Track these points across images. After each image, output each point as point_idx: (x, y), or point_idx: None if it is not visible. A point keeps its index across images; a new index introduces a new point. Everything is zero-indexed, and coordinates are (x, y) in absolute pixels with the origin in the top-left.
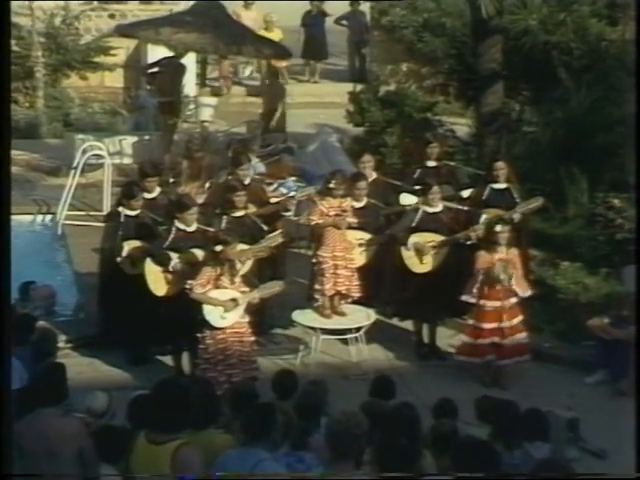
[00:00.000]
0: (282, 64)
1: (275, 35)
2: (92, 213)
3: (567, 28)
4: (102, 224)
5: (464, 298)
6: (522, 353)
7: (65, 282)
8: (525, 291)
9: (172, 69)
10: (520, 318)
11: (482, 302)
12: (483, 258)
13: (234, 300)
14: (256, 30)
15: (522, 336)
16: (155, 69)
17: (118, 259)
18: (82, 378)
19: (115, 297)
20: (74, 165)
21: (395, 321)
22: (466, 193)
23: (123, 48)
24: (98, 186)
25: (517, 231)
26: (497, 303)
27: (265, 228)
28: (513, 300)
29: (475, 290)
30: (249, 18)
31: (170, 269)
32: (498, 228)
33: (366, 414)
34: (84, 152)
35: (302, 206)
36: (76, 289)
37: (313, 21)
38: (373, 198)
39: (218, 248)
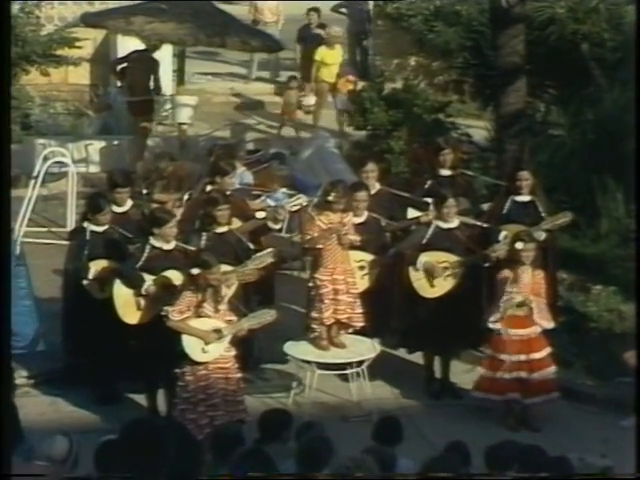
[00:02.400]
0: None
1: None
2: (55, 229)
3: (599, 16)
4: (66, 242)
5: (491, 325)
6: (550, 390)
7: (24, 309)
8: (548, 322)
9: (143, 64)
10: (548, 350)
11: (502, 330)
12: (505, 280)
13: (218, 331)
14: (276, 23)
15: (550, 370)
16: (124, 64)
17: (84, 282)
18: (43, 420)
19: (81, 326)
20: (34, 174)
21: (403, 354)
22: (486, 206)
23: (90, 40)
24: (61, 198)
25: (543, 250)
26: (520, 331)
27: (252, 247)
28: (538, 329)
29: (496, 316)
30: (268, 10)
31: (143, 292)
32: (519, 246)
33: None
34: (45, 159)
35: (295, 221)
36: (36, 317)
37: (312, 37)
38: (376, 212)
39: (195, 271)
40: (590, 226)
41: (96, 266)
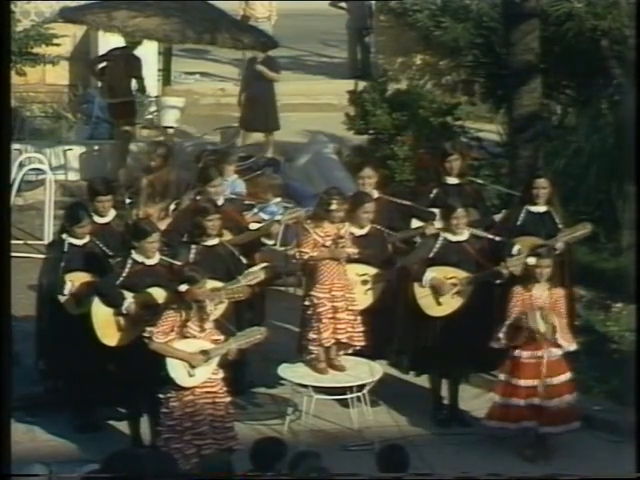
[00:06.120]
0: None
1: None
2: (31, 242)
3: (620, 11)
4: (43, 255)
5: (493, 345)
6: (570, 419)
7: None
8: (570, 344)
9: (124, 62)
10: (567, 375)
11: (517, 352)
12: (519, 297)
13: (204, 352)
14: (268, 19)
15: (570, 398)
16: (104, 63)
17: (61, 298)
18: (19, 449)
19: (55, 346)
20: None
21: (407, 377)
22: (497, 217)
23: (69, 36)
24: (38, 208)
25: (559, 265)
26: (537, 354)
27: (244, 261)
28: (557, 351)
29: (507, 337)
30: (261, 5)
31: (123, 311)
32: (532, 261)
33: None
34: (21, 166)
35: (290, 233)
36: (11, 337)
37: (255, 75)
38: (375, 223)
39: (183, 288)
40: (610, 239)
41: (73, 280)
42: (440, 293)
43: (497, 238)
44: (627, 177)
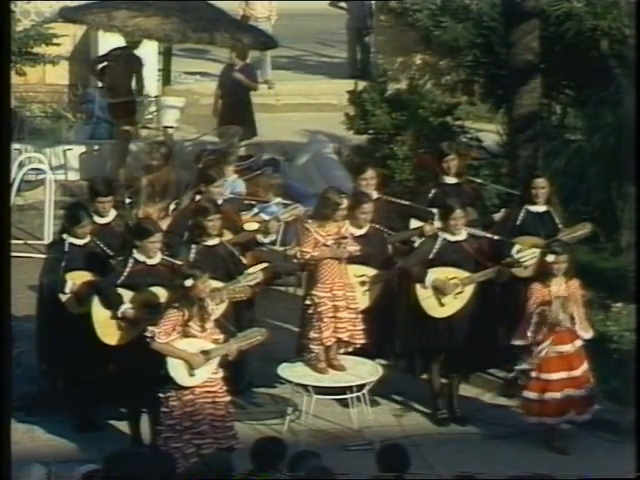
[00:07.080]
0: None
1: None
2: (31, 242)
3: (620, 11)
4: (43, 255)
5: (517, 343)
6: (591, 405)
7: None
8: (587, 332)
9: (124, 62)
10: (586, 364)
11: (541, 347)
12: (539, 293)
13: (205, 352)
14: (268, 19)
15: (589, 385)
16: (105, 63)
17: (61, 296)
18: (18, 449)
19: (56, 345)
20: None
21: (407, 377)
22: (497, 216)
23: (69, 36)
24: (38, 208)
25: None
26: (562, 348)
27: (244, 261)
28: (579, 343)
29: (531, 333)
30: (261, 4)
31: (119, 315)
32: (551, 258)
33: None
34: (21, 166)
35: (290, 233)
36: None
37: (232, 82)
38: (374, 223)
39: (189, 282)
40: (610, 238)
41: (73, 279)
42: (443, 294)
43: (495, 237)
44: (627, 177)
